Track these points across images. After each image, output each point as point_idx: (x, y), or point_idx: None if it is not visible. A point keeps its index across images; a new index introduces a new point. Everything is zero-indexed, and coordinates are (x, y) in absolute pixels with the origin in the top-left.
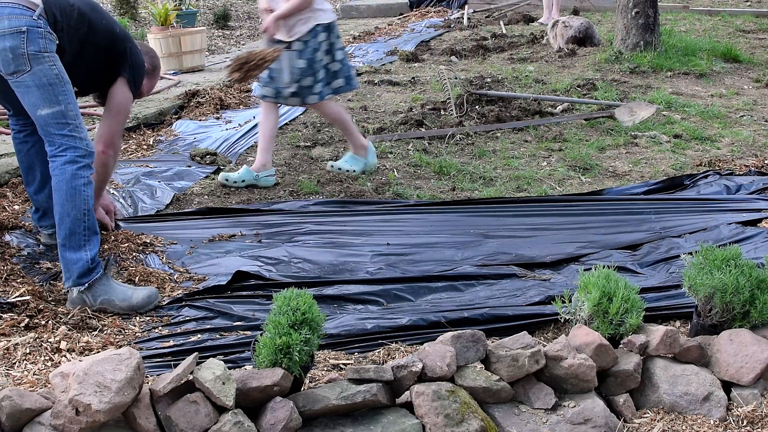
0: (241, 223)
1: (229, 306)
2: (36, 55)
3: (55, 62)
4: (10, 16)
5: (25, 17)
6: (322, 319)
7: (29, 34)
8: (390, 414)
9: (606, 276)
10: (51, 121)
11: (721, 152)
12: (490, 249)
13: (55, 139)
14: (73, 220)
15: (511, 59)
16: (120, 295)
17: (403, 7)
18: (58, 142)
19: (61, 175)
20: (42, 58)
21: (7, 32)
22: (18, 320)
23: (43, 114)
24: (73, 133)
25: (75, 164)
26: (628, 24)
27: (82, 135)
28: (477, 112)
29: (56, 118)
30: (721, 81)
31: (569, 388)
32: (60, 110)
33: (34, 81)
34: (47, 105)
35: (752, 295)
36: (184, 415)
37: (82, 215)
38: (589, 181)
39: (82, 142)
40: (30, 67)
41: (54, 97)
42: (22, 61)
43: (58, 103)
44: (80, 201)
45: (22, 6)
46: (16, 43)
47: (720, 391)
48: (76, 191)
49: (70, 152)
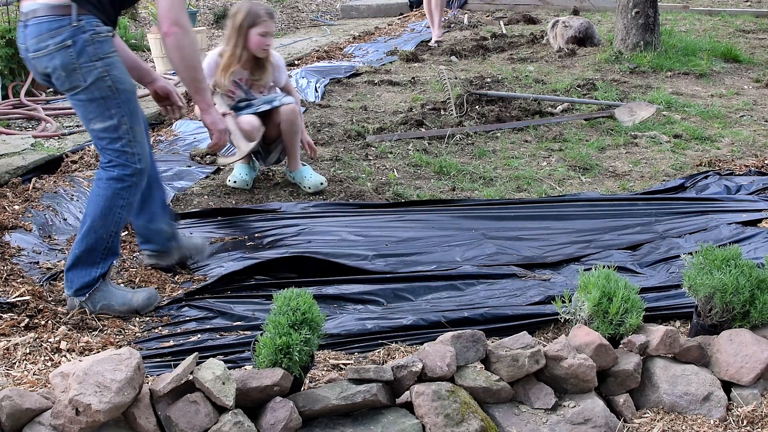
0: (241, 224)
1: (229, 306)
2: (89, 67)
3: (109, 71)
4: (50, 32)
5: (65, 28)
6: (322, 319)
7: (76, 46)
8: (390, 414)
9: (606, 276)
10: (103, 135)
11: (721, 152)
12: (490, 249)
13: (106, 153)
14: (98, 237)
15: (511, 59)
16: (119, 299)
17: (403, 7)
18: (109, 157)
19: (104, 189)
20: (95, 68)
21: (54, 50)
22: (18, 320)
23: (95, 128)
24: (125, 148)
25: (120, 183)
26: (628, 24)
27: (135, 150)
28: (477, 112)
29: (108, 132)
30: (721, 81)
31: (569, 388)
32: (113, 124)
33: (87, 96)
34: (99, 119)
35: (752, 295)
36: (184, 415)
37: (108, 236)
38: (589, 181)
39: (134, 158)
40: (85, 82)
41: (107, 111)
42: (76, 76)
43: (111, 117)
44: (112, 221)
45: (58, 16)
46: (66, 60)
47: (720, 391)
48: (111, 211)
49: (119, 170)
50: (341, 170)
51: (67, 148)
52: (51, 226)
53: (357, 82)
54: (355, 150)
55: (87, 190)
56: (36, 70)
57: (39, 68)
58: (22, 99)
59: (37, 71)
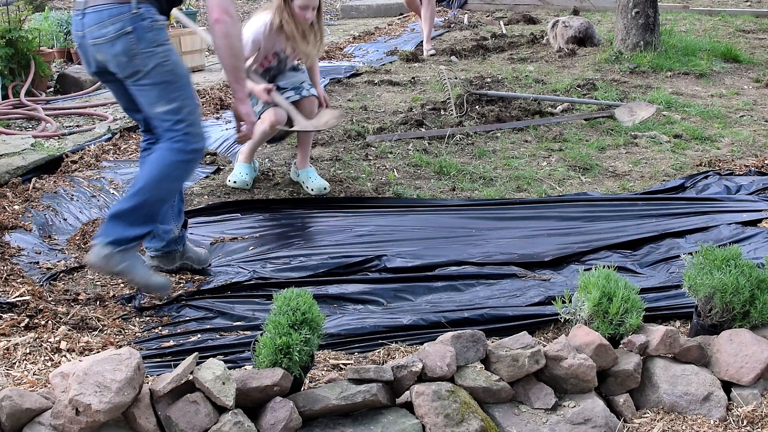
0: (242, 224)
1: (229, 306)
2: (149, 52)
3: (168, 56)
4: (111, 18)
5: (125, 15)
6: (322, 319)
7: (136, 32)
8: (390, 414)
9: (606, 276)
10: (166, 117)
11: (721, 152)
12: (490, 249)
13: (169, 134)
14: (144, 200)
15: (511, 59)
16: (141, 272)
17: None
18: (171, 135)
19: (162, 157)
20: (155, 54)
21: (114, 37)
22: (18, 320)
23: (158, 111)
24: (188, 128)
25: (180, 155)
26: (628, 24)
27: (198, 131)
28: (477, 112)
29: (171, 114)
30: (721, 81)
31: (569, 388)
32: (176, 107)
33: (149, 80)
34: (163, 102)
35: (752, 295)
36: (184, 415)
37: (153, 201)
38: (589, 181)
39: (195, 137)
40: (146, 66)
41: (169, 94)
42: (138, 62)
43: (173, 100)
44: (162, 189)
45: (117, 4)
46: (127, 46)
47: (720, 391)
48: (164, 178)
49: (182, 144)
50: (341, 170)
51: (67, 148)
52: (51, 226)
53: (357, 82)
54: (355, 150)
55: (87, 190)
56: (93, 58)
57: (97, 56)
58: (22, 99)
59: (93, 59)
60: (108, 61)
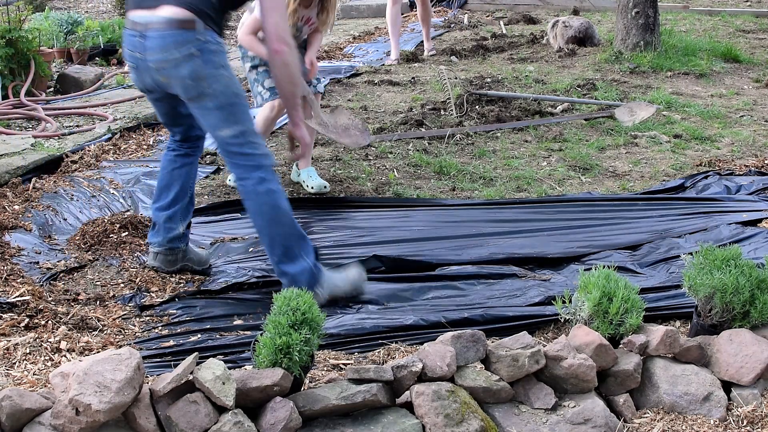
0: (242, 224)
1: (229, 306)
2: (214, 75)
3: (231, 78)
4: (176, 44)
5: (191, 40)
6: (322, 319)
7: (203, 56)
8: (390, 414)
9: (606, 276)
10: (232, 141)
11: (721, 152)
12: (490, 249)
13: (237, 160)
14: (284, 237)
15: (511, 59)
16: (341, 281)
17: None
18: (242, 164)
19: (258, 198)
20: (220, 76)
21: (181, 59)
22: (18, 320)
23: (223, 134)
24: (253, 150)
25: (264, 182)
26: (628, 24)
27: (261, 150)
28: (477, 112)
29: (237, 137)
30: (721, 81)
31: (569, 388)
32: (241, 129)
33: (214, 103)
34: (228, 125)
35: (752, 295)
36: (184, 415)
37: (289, 228)
38: (589, 181)
39: (263, 157)
40: (210, 89)
41: (234, 116)
42: (203, 84)
43: (238, 122)
44: (283, 216)
45: (183, 30)
46: (193, 69)
47: (720, 391)
48: (277, 210)
49: (258, 172)
50: (341, 170)
51: (67, 148)
52: (51, 226)
53: (357, 82)
54: (355, 150)
55: (87, 190)
56: (150, 78)
57: (158, 78)
58: (22, 99)
59: (151, 79)
60: (171, 84)
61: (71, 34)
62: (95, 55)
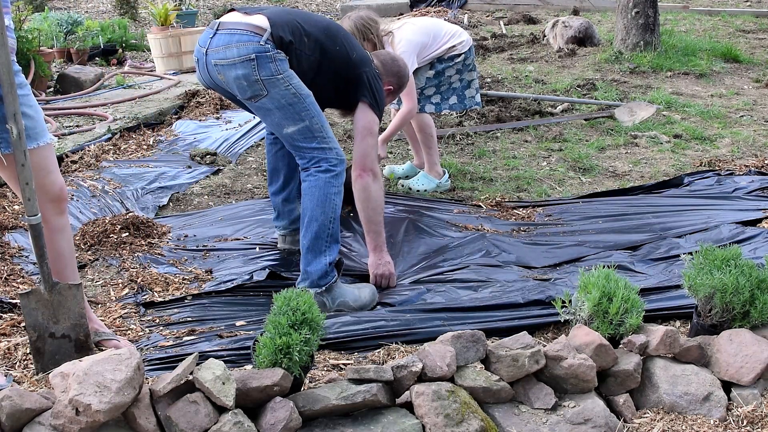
0: (243, 224)
1: (229, 306)
2: (270, 79)
3: (290, 81)
4: (238, 44)
5: (252, 43)
6: (322, 319)
7: (258, 61)
8: (390, 414)
9: (606, 276)
10: (298, 137)
11: (721, 152)
12: (490, 249)
13: (305, 153)
14: (320, 225)
15: (511, 59)
16: (351, 296)
17: (403, 7)
18: (309, 156)
19: (315, 181)
20: (276, 80)
21: (237, 61)
22: (18, 320)
23: (288, 132)
24: (322, 144)
25: (329, 173)
26: (628, 24)
27: (332, 145)
28: (477, 112)
29: (302, 134)
30: (721, 81)
31: (569, 388)
32: (305, 126)
33: (272, 104)
34: (291, 123)
35: (752, 295)
36: (184, 415)
37: (328, 222)
38: (589, 181)
39: (332, 152)
40: (267, 92)
41: (296, 114)
42: (258, 86)
43: (301, 119)
44: (329, 208)
45: (250, 32)
46: (248, 71)
47: (720, 391)
48: (327, 198)
49: (323, 163)
50: None
51: (67, 148)
52: None
53: None
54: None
55: (87, 190)
56: (211, 75)
57: (217, 76)
58: None
59: (211, 77)
60: (228, 84)
61: (71, 34)
62: (95, 55)
